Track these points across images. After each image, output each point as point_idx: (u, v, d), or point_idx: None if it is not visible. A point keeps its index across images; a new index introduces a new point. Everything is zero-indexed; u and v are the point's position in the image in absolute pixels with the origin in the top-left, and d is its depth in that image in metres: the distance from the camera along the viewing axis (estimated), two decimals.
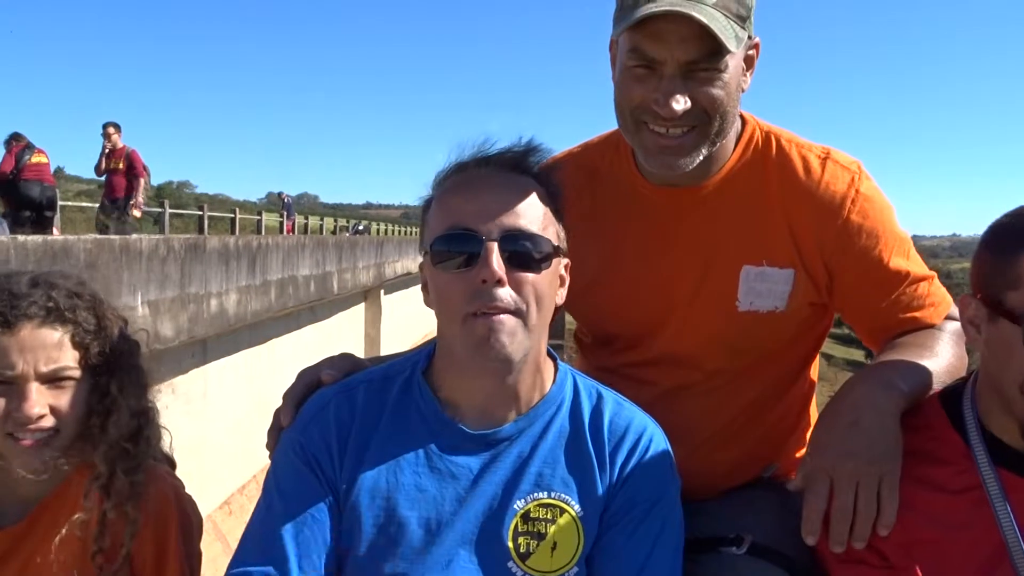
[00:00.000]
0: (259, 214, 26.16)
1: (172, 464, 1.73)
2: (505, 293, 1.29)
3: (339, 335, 18.96)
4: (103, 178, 12.96)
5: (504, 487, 1.37)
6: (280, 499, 1.35)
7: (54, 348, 1.44)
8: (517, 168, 1.39)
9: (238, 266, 11.75)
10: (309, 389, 1.49)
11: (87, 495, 1.49)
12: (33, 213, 11.68)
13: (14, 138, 11.76)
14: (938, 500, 1.38)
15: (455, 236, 1.32)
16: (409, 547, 1.33)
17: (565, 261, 1.43)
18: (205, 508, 11.23)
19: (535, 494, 1.38)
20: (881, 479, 1.37)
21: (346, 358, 1.58)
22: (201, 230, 20.42)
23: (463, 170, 1.40)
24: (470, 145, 1.41)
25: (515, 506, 1.36)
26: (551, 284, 1.37)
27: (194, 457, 10.75)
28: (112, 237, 9.56)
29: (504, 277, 1.29)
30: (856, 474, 1.37)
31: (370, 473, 1.36)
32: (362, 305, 21.62)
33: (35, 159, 11.76)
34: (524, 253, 1.31)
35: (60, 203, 14.36)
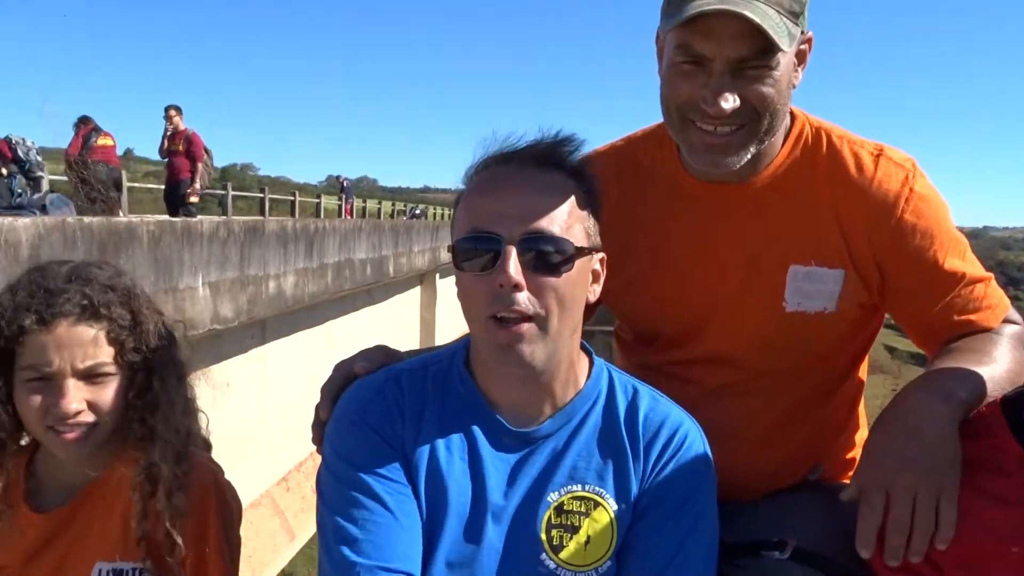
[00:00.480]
0: (318, 197, 26.58)
1: (208, 447, 1.75)
2: (523, 298, 1.26)
3: (395, 318, 19.16)
4: (166, 160, 13.26)
5: (539, 480, 1.36)
6: (373, 479, 1.32)
7: (90, 345, 1.45)
8: (545, 163, 1.35)
9: (296, 249, 11.92)
10: (346, 381, 1.48)
11: (133, 486, 1.51)
12: (100, 194, 12.00)
13: (82, 121, 12.10)
14: (998, 511, 1.31)
15: (475, 238, 1.30)
16: (451, 534, 1.33)
17: (599, 256, 1.40)
18: (264, 484, 11.61)
19: (569, 487, 1.36)
20: (940, 491, 1.31)
21: (380, 350, 1.57)
22: (262, 212, 20.77)
23: (487, 167, 1.37)
24: (499, 139, 1.37)
25: (549, 498, 1.35)
26: (576, 284, 1.33)
27: (253, 435, 11.00)
28: (174, 220, 9.78)
29: (522, 281, 1.26)
30: (914, 486, 1.31)
31: (425, 456, 1.35)
32: (418, 289, 21.80)
33: (101, 141, 12.08)
34: (544, 256, 1.28)
35: (128, 184, 14.74)
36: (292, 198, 23.77)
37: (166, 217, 11.54)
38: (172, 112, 12.84)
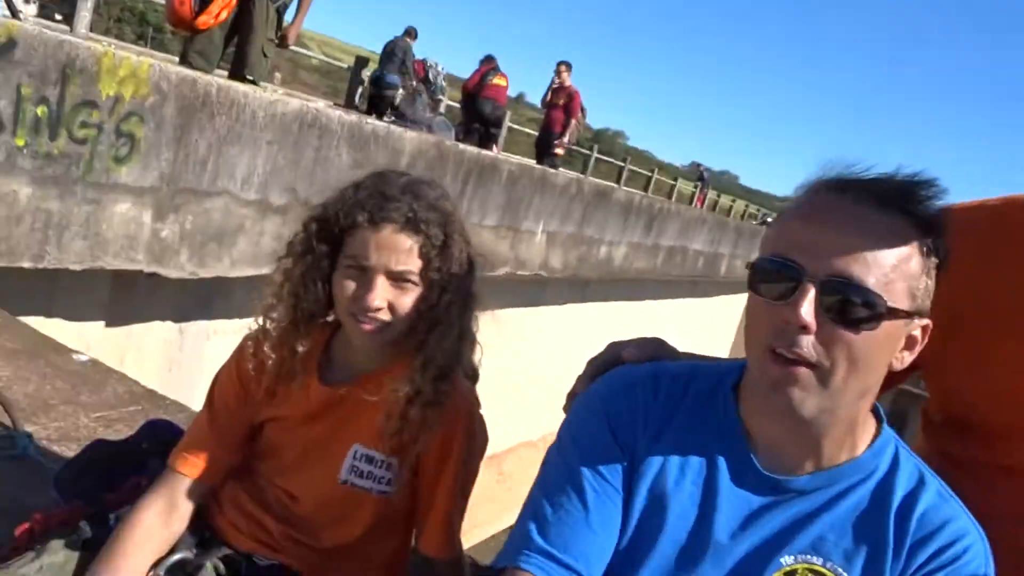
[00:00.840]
0: (675, 179, 26.62)
1: (475, 378, 1.84)
2: (808, 343, 1.10)
3: (714, 317, 18.80)
4: (546, 110, 14.03)
5: (776, 536, 1.21)
6: (588, 473, 1.29)
7: (405, 252, 1.58)
8: (888, 203, 1.13)
9: (635, 223, 12.09)
10: (611, 363, 1.44)
11: (398, 389, 1.62)
12: (482, 127, 13.03)
13: (486, 59, 13.16)
14: None
15: (776, 262, 1.15)
16: (662, 556, 1.24)
17: (922, 322, 1.18)
18: (545, 428, 12.07)
19: (808, 556, 1.19)
20: None
21: (656, 343, 1.50)
22: (618, 180, 21.25)
23: (817, 192, 1.18)
24: (843, 163, 1.18)
25: (782, 560, 1.20)
26: (878, 347, 1.13)
27: (550, 379, 11.49)
28: (534, 165, 10.35)
29: (812, 324, 1.09)
30: None
31: (655, 467, 1.27)
32: (744, 295, 21.10)
33: (495, 81, 13.05)
34: (847, 306, 1.10)
35: (509, 125, 15.78)
36: (649, 174, 24.02)
37: (529, 162, 12.26)
38: (562, 68, 13.49)
